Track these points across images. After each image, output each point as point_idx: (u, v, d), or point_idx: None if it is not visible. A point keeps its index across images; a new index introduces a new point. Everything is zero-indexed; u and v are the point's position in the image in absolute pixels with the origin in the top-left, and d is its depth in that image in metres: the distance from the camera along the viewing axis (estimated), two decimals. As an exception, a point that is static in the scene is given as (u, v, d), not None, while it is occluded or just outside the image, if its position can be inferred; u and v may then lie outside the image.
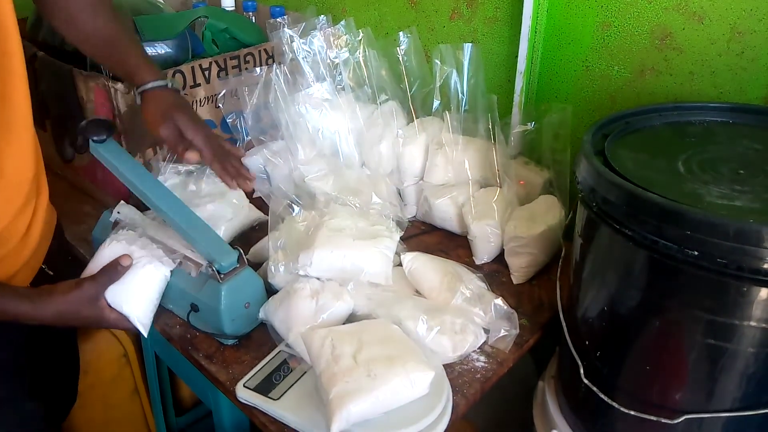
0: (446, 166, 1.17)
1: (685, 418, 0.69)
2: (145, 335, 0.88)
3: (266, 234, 1.04)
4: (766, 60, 0.92)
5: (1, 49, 0.78)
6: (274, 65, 1.17)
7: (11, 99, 0.80)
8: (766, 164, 0.74)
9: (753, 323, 0.62)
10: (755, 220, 0.58)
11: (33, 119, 0.85)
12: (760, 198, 0.67)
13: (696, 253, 0.60)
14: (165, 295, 0.98)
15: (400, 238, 1.03)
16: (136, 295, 0.87)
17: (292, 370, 0.85)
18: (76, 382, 1.15)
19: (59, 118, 1.28)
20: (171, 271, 0.91)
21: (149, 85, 0.97)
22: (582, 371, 0.78)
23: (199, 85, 1.23)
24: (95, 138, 0.95)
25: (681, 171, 0.73)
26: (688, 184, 0.70)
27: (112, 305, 0.85)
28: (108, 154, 0.95)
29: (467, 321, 0.89)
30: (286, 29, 1.20)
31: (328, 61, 1.22)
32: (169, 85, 1.00)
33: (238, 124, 1.25)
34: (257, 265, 1.04)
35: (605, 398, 0.75)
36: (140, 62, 1.00)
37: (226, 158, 0.98)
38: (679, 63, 1.00)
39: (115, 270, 0.85)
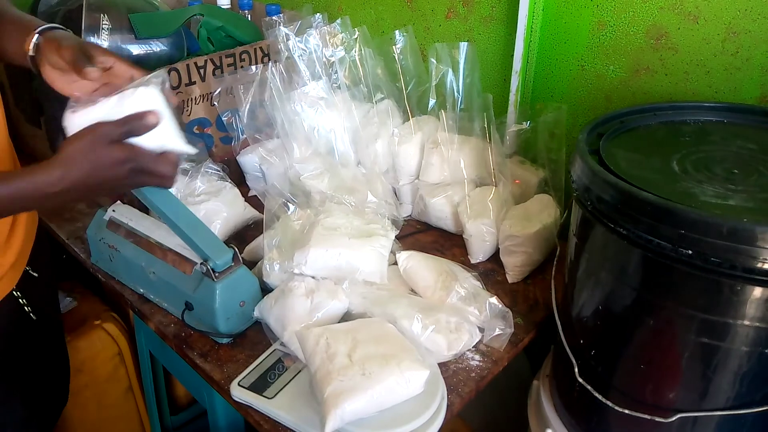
0: (442, 165, 1.17)
1: (679, 417, 0.69)
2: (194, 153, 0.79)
3: (261, 232, 1.04)
4: (761, 60, 0.92)
5: None
6: (270, 63, 1.17)
7: None
8: (760, 164, 0.74)
9: (746, 322, 0.62)
10: (749, 220, 0.59)
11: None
12: (754, 197, 0.67)
13: (690, 252, 0.60)
14: (160, 292, 0.97)
15: (396, 236, 1.03)
16: (161, 126, 0.74)
17: (286, 369, 0.85)
18: (66, 384, 1.14)
19: (53, 117, 1.27)
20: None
21: (49, 26, 0.84)
22: (576, 370, 0.78)
23: (195, 83, 1.22)
24: None
25: (675, 170, 0.73)
26: (683, 184, 0.70)
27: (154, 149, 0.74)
28: None
29: (462, 320, 0.89)
30: (281, 27, 1.20)
31: (324, 59, 1.22)
32: (71, 33, 0.86)
33: (234, 122, 1.25)
34: (252, 264, 1.04)
35: (600, 397, 0.75)
36: (33, 19, 0.87)
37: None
38: (674, 63, 1.00)
39: (140, 121, 0.71)
